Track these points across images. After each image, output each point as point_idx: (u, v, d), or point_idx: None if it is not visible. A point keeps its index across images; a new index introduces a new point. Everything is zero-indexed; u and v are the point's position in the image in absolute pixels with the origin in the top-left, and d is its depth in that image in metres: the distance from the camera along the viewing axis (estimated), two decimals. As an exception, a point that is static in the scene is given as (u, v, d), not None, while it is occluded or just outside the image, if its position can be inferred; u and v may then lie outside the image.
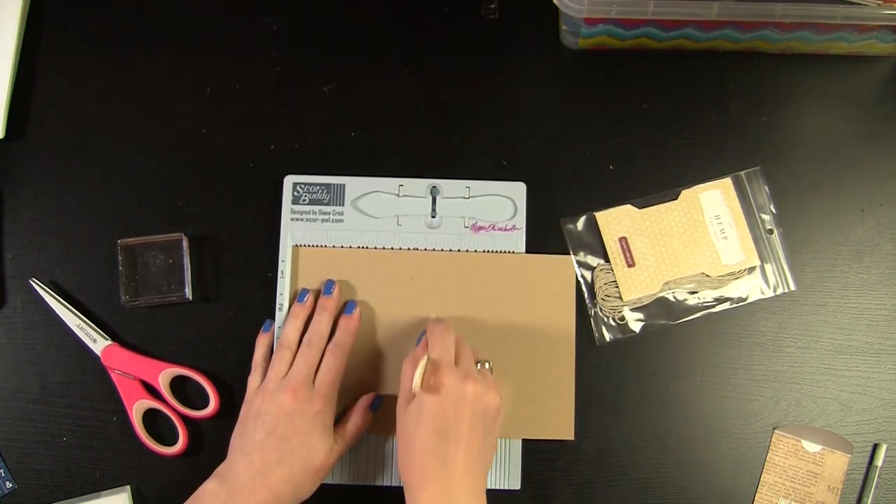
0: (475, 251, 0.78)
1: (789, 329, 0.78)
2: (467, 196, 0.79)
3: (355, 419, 0.74)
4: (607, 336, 0.77)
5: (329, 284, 0.77)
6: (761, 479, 0.76)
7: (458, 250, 0.78)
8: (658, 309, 0.78)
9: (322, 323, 0.75)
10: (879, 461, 0.76)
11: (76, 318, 0.77)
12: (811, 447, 0.76)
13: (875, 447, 0.76)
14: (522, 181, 0.79)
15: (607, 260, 0.78)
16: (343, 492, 0.76)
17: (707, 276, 0.78)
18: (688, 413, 0.77)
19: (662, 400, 0.77)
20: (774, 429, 0.77)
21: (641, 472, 0.76)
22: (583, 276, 0.78)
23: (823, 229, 0.79)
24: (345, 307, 0.76)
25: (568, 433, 0.76)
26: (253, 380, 0.74)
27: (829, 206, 0.80)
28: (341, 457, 0.73)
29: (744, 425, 0.77)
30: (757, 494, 0.76)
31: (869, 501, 0.75)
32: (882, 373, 0.77)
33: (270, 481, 0.67)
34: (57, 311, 0.77)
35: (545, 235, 0.79)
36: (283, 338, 0.74)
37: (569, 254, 0.78)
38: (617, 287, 0.78)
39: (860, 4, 0.72)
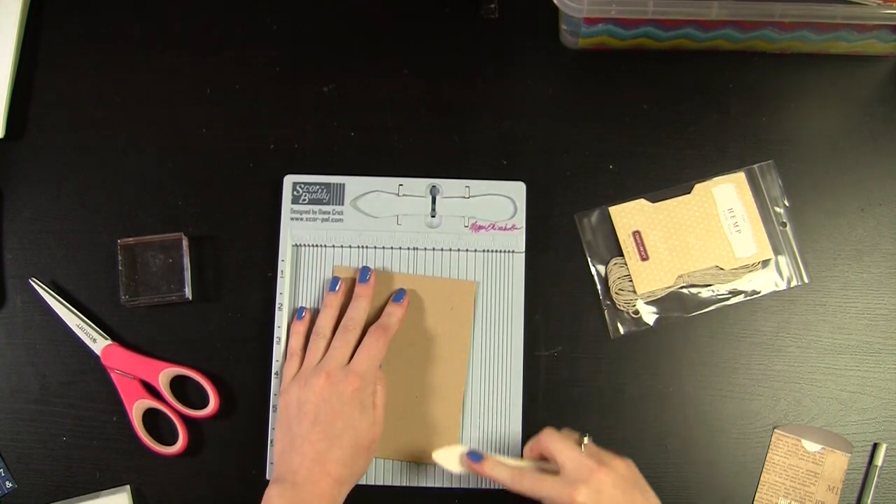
0: (473, 251, 0.78)
1: (789, 329, 0.78)
2: (467, 196, 0.79)
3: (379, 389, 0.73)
4: (622, 329, 0.77)
5: (365, 271, 0.76)
6: (761, 478, 0.76)
7: (458, 250, 0.78)
8: (672, 302, 0.78)
9: (358, 309, 0.74)
10: (879, 461, 0.76)
11: (76, 317, 0.77)
12: (811, 447, 0.76)
13: (875, 447, 0.76)
14: (522, 181, 0.79)
15: (621, 254, 0.78)
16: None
17: (721, 269, 0.78)
18: (688, 413, 0.77)
19: (662, 400, 0.77)
20: (774, 428, 0.77)
21: (641, 472, 0.76)
22: (597, 271, 0.78)
23: (823, 229, 0.79)
24: (393, 295, 0.76)
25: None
26: (289, 369, 0.74)
27: (829, 206, 0.80)
28: (381, 428, 0.72)
29: (744, 425, 0.77)
30: (757, 494, 0.76)
31: (869, 501, 0.75)
32: (882, 373, 0.77)
33: (327, 468, 0.68)
34: (57, 311, 0.77)
35: (545, 235, 0.79)
36: (317, 326, 0.74)
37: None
38: (631, 281, 0.78)
39: (860, 4, 0.72)
